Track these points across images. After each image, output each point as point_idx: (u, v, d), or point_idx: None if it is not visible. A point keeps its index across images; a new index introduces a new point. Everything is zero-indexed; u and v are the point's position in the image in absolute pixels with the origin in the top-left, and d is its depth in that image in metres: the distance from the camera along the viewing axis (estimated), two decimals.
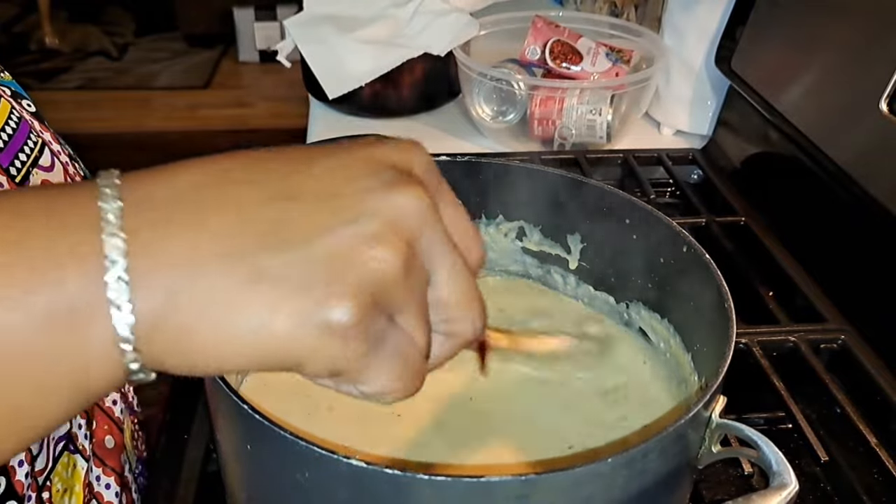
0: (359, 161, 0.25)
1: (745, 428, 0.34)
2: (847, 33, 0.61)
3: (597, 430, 0.42)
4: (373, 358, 0.24)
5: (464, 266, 0.26)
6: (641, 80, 0.79)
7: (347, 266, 0.23)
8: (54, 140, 0.49)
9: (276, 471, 0.31)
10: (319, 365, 0.23)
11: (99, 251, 0.21)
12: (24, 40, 3.34)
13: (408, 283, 0.24)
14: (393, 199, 0.24)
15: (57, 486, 0.43)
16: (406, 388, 0.25)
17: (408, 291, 0.24)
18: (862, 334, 0.54)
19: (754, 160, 0.74)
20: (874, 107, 0.55)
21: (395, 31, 0.86)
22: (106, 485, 0.48)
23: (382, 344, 0.24)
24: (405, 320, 0.24)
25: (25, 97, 0.49)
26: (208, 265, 0.22)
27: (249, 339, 0.22)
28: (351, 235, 0.23)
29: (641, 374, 0.46)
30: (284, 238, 0.23)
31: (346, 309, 0.22)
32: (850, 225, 0.59)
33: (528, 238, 0.51)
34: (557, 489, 0.29)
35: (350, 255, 0.23)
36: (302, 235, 0.23)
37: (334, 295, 0.22)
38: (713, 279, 0.39)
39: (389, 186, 0.24)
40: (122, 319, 0.22)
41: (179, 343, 0.22)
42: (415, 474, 0.27)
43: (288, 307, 0.22)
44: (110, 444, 0.49)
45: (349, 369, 0.23)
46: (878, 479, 0.45)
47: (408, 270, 0.24)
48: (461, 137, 0.87)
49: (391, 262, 0.23)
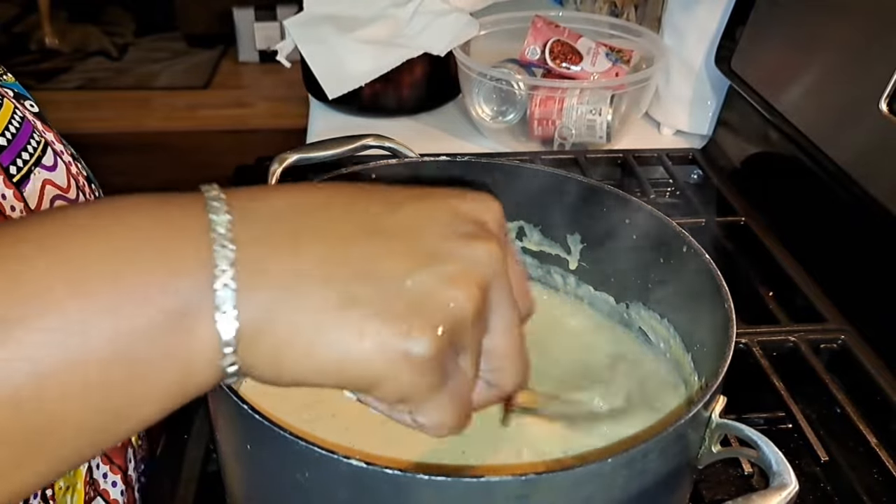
0: (443, 209, 0.27)
1: (745, 428, 0.34)
2: (847, 33, 0.61)
3: (596, 430, 0.42)
4: (438, 392, 0.26)
5: (519, 321, 0.28)
6: (641, 80, 0.79)
7: (429, 303, 0.25)
8: (57, 140, 0.49)
9: (276, 471, 0.31)
10: (391, 389, 0.25)
11: (209, 259, 0.23)
12: (24, 40, 3.34)
13: (476, 327, 0.26)
14: (472, 249, 0.26)
15: (59, 483, 0.43)
16: (458, 426, 0.27)
17: (475, 335, 0.26)
18: (862, 334, 0.54)
19: (754, 160, 0.74)
20: (874, 107, 0.55)
21: (395, 31, 0.86)
22: (112, 482, 0.48)
23: (448, 380, 0.26)
24: (466, 361, 0.26)
25: (28, 98, 0.49)
26: (306, 287, 0.24)
27: (335, 357, 0.24)
28: (434, 276, 0.25)
29: (641, 374, 0.46)
30: (374, 271, 0.25)
31: (427, 342, 0.24)
32: (850, 225, 0.59)
33: (528, 238, 0.51)
34: (557, 489, 0.29)
35: (432, 293, 0.25)
36: (390, 271, 0.25)
37: (417, 328, 0.24)
38: (713, 279, 0.39)
39: (469, 237, 0.26)
40: (227, 324, 0.23)
41: (273, 354, 0.24)
42: (415, 474, 0.27)
43: (374, 333, 0.24)
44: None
45: (415, 399, 0.26)
46: (878, 479, 0.45)
47: (478, 315, 0.26)
48: (461, 137, 0.87)
49: (467, 305, 0.25)
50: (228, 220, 0.24)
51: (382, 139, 0.52)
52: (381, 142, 0.52)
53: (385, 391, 0.25)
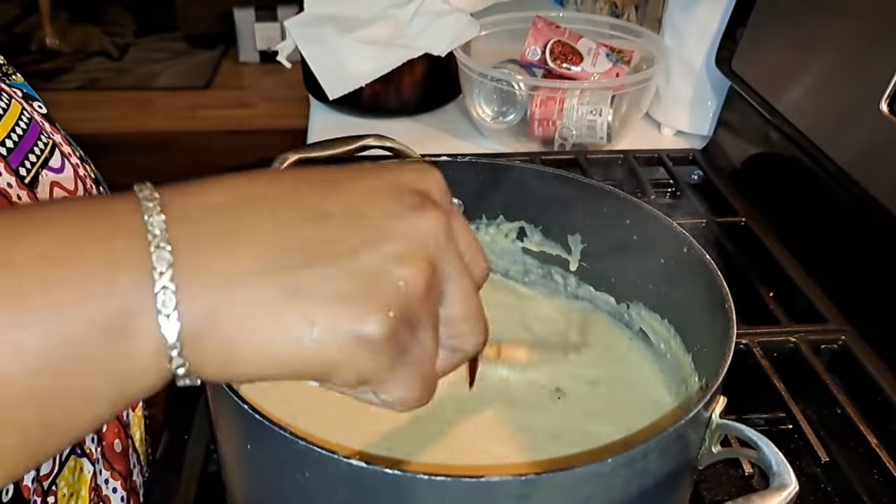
0: (383, 185, 0.27)
1: (745, 428, 0.34)
2: (847, 34, 0.61)
3: (596, 430, 0.42)
4: (398, 369, 0.25)
5: (473, 286, 0.28)
6: (642, 81, 0.79)
7: (378, 284, 0.24)
8: (65, 142, 0.49)
9: (276, 471, 0.31)
10: (350, 374, 0.25)
11: (147, 262, 0.23)
12: (25, 41, 3.34)
13: (429, 300, 0.26)
14: (416, 223, 0.26)
15: (63, 490, 0.43)
16: (422, 398, 0.27)
17: (429, 308, 0.26)
18: (862, 335, 0.54)
19: (755, 160, 0.74)
20: (874, 107, 0.55)
21: (395, 31, 0.87)
22: (113, 488, 0.48)
23: (406, 356, 0.25)
24: (423, 334, 0.26)
25: (38, 99, 0.49)
26: (248, 279, 0.23)
27: (287, 350, 0.24)
28: (380, 255, 0.25)
29: (641, 375, 0.46)
30: (318, 256, 0.24)
31: (379, 324, 0.24)
32: (850, 225, 0.59)
33: (528, 238, 0.51)
34: (557, 489, 0.29)
35: (380, 273, 0.24)
36: (334, 254, 0.24)
37: (368, 311, 0.24)
38: (713, 279, 0.39)
39: (412, 210, 0.26)
40: (170, 327, 0.23)
41: (222, 352, 0.24)
42: (415, 474, 0.28)
43: (324, 320, 0.24)
44: (118, 448, 0.49)
45: (376, 379, 0.25)
46: (879, 479, 0.45)
47: (429, 289, 0.25)
48: (462, 138, 0.87)
49: (417, 281, 0.25)
50: (163, 220, 0.23)
51: (383, 139, 0.52)
52: (381, 142, 0.52)
53: (343, 376, 0.25)
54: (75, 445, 0.44)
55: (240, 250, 0.24)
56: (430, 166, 0.29)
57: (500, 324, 0.49)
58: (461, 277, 0.27)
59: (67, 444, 0.25)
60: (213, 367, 0.24)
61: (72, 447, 0.44)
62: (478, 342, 0.29)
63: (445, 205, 0.28)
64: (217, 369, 0.24)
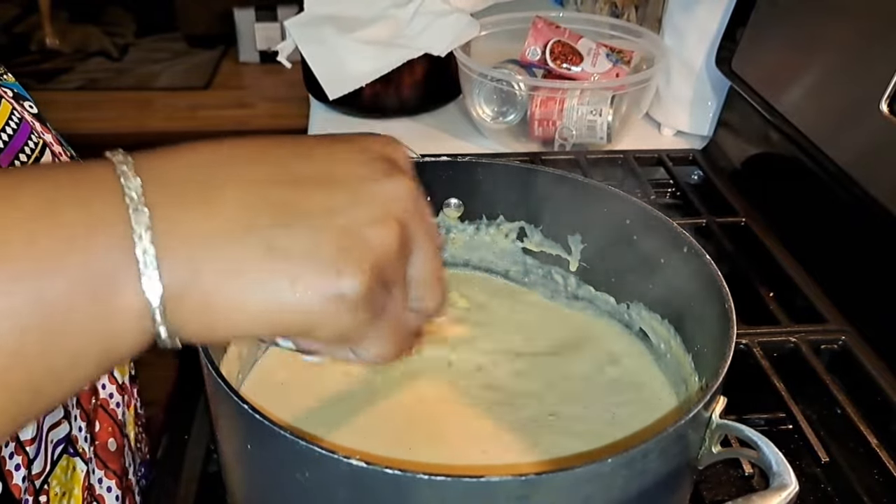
0: (354, 151, 0.28)
1: (745, 428, 0.34)
2: (847, 34, 0.61)
3: (597, 430, 0.42)
4: (375, 325, 0.26)
5: (437, 249, 0.29)
6: (642, 81, 0.79)
7: (354, 243, 0.25)
8: (55, 142, 0.49)
9: (276, 470, 0.31)
10: (329, 331, 0.26)
11: (126, 224, 0.23)
12: (25, 41, 3.34)
13: (401, 260, 0.27)
14: (388, 187, 0.27)
15: (55, 489, 0.43)
16: (398, 353, 0.28)
17: (401, 267, 0.27)
18: (862, 335, 0.54)
19: (755, 161, 0.74)
20: (875, 108, 0.55)
21: (395, 31, 0.86)
22: (107, 487, 0.48)
23: (383, 312, 0.27)
24: (397, 292, 0.27)
25: (28, 99, 0.49)
26: (227, 240, 0.24)
27: (269, 307, 0.24)
28: (355, 216, 0.26)
29: (642, 375, 0.46)
30: (295, 218, 0.25)
31: (359, 282, 0.25)
32: (850, 225, 0.59)
33: (528, 239, 0.51)
34: (557, 489, 0.29)
35: (355, 233, 0.25)
36: (309, 214, 0.25)
37: (348, 270, 0.25)
38: (713, 280, 0.39)
39: (384, 175, 0.27)
40: (152, 287, 0.23)
41: (203, 311, 0.24)
42: (415, 474, 0.27)
43: (304, 278, 0.24)
44: (113, 447, 0.49)
45: (355, 336, 0.26)
46: (879, 479, 0.45)
47: (401, 248, 0.27)
48: (462, 138, 0.87)
49: (392, 241, 0.26)
50: (140, 183, 0.24)
51: None
52: None
53: (323, 333, 0.26)
54: (67, 444, 0.44)
55: (217, 210, 0.24)
56: (394, 139, 0.30)
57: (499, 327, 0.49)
58: (427, 241, 0.28)
59: (54, 405, 0.25)
60: (194, 326, 0.24)
61: (64, 446, 0.44)
62: (438, 302, 0.30)
63: (411, 173, 0.29)
64: (198, 327, 0.25)
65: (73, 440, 0.45)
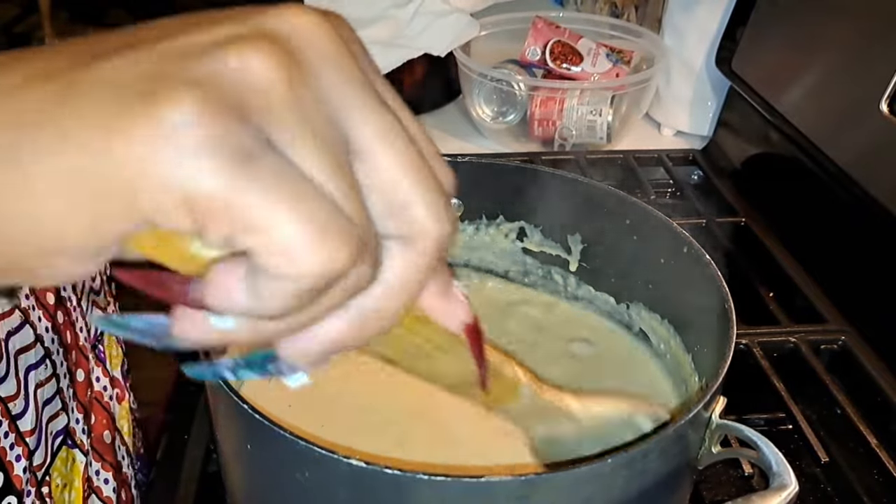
0: (219, 17, 0.18)
1: (745, 429, 0.34)
2: (847, 34, 0.61)
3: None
4: (243, 180, 0.16)
5: (402, 131, 0.19)
6: (642, 81, 0.79)
7: (190, 61, 0.17)
8: None
9: (276, 471, 0.31)
10: (168, 194, 0.16)
11: None
12: (25, 41, 3.33)
13: (295, 103, 0.17)
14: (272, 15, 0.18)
15: (56, 480, 0.43)
16: (325, 239, 0.17)
17: (296, 113, 0.17)
18: (862, 335, 0.54)
19: (755, 161, 0.74)
20: (875, 108, 0.55)
21: (395, 31, 0.86)
22: (104, 479, 0.48)
23: (254, 163, 0.16)
24: (299, 153, 0.17)
25: None
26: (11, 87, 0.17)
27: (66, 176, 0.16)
28: (200, 38, 0.17)
29: (642, 375, 0.46)
30: (111, 52, 0.17)
31: (182, 101, 0.16)
32: (850, 226, 0.59)
33: (528, 239, 0.51)
34: (557, 489, 0.29)
35: (195, 55, 0.17)
36: (132, 45, 0.18)
37: (166, 87, 0.16)
38: (713, 280, 0.39)
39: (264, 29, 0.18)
40: None
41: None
42: (415, 474, 0.27)
43: (108, 114, 0.16)
44: (108, 439, 0.49)
45: (219, 204, 0.16)
46: (879, 479, 0.45)
47: (293, 85, 0.17)
48: (461, 138, 0.87)
49: (260, 64, 0.17)
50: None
51: None
52: None
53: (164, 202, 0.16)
54: (66, 436, 0.44)
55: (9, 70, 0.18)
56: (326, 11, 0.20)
57: None
58: (377, 112, 0.19)
59: None
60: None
61: (63, 438, 0.44)
62: (439, 221, 0.19)
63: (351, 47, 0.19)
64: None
65: (70, 432, 0.45)
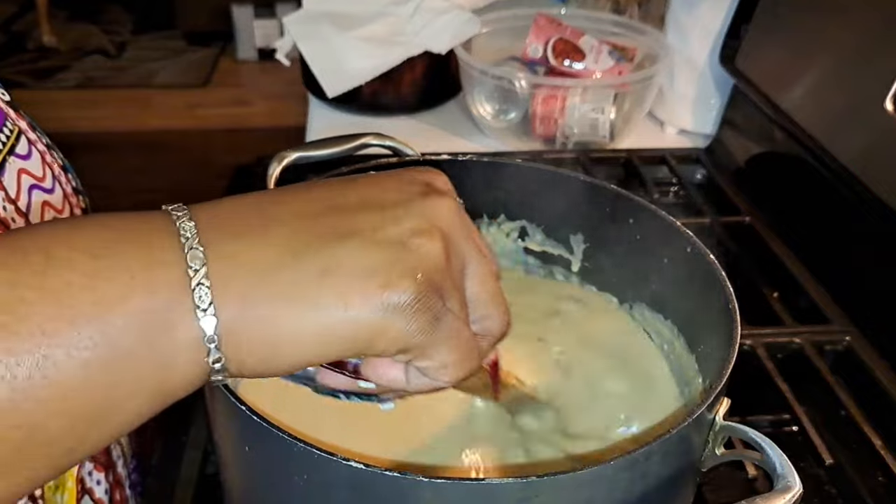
0: (391, 179, 0.29)
1: (748, 430, 0.33)
2: (852, 32, 0.60)
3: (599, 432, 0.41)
4: (434, 333, 0.27)
5: (490, 269, 0.29)
6: (645, 79, 0.79)
7: (401, 252, 0.26)
8: (30, 129, 0.49)
9: (274, 473, 0.31)
10: (388, 342, 0.26)
11: (182, 261, 0.25)
12: (23, 39, 3.33)
13: (450, 270, 0.27)
14: (429, 202, 0.28)
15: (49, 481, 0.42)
16: (464, 364, 0.28)
17: (453, 278, 0.28)
18: (867, 336, 0.54)
19: (759, 159, 0.74)
20: (879, 106, 0.54)
21: (395, 29, 0.86)
22: (97, 480, 0.47)
23: (440, 322, 0.27)
24: (453, 304, 0.27)
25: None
26: (279, 268, 0.25)
27: (322, 328, 0.25)
28: (399, 229, 0.27)
29: (645, 376, 0.46)
30: (341, 236, 0.26)
31: (407, 289, 0.26)
32: (854, 225, 0.59)
33: (530, 238, 0.51)
34: (559, 492, 0.29)
35: (402, 244, 0.26)
36: (356, 232, 0.26)
37: (395, 277, 0.26)
38: (717, 280, 0.39)
39: (422, 195, 0.28)
40: (207, 321, 0.24)
41: (260, 340, 0.25)
42: (415, 476, 0.27)
43: (356, 294, 0.25)
44: None
45: (414, 344, 0.26)
46: (883, 481, 0.45)
47: (448, 258, 0.27)
48: (462, 136, 0.86)
49: (436, 250, 0.27)
50: (194, 225, 0.25)
51: (383, 138, 0.52)
52: (381, 140, 0.51)
53: (383, 345, 0.26)
54: None
55: (267, 242, 0.26)
56: (437, 170, 0.31)
57: None
58: (478, 258, 0.29)
59: (108, 440, 0.26)
60: (253, 356, 0.25)
61: None
62: (503, 324, 0.30)
63: (453, 196, 0.30)
64: (255, 361, 0.25)
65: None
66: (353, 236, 0.26)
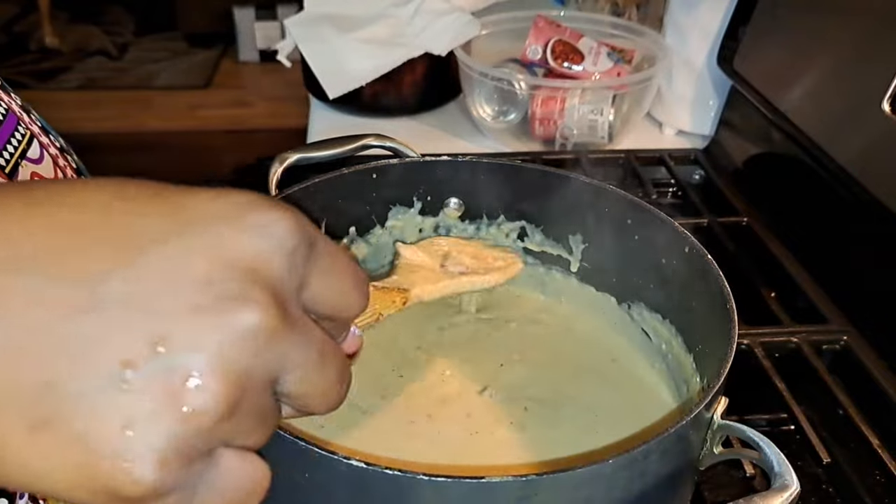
0: (199, 257, 0.19)
1: (746, 429, 0.34)
2: (849, 33, 0.61)
3: (598, 432, 0.41)
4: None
5: (319, 362, 0.22)
6: (643, 80, 0.79)
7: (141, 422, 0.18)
8: (42, 133, 0.49)
9: (275, 471, 0.31)
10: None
11: None
12: (24, 40, 3.33)
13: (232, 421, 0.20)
14: (227, 326, 0.19)
15: None
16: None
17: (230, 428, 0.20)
18: (864, 335, 0.54)
19: (756, 160, 0.74)
20: (877, 107, 0.55)
21: (395, 30, 0.86)
22: None
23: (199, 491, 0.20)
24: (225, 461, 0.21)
25: (11, 91, 0.49)
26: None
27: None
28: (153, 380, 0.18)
29: (643, 376, 0.46)
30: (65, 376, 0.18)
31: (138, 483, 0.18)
32: (852, 225, 0.59)
33: (529, 238, 0.51)
34: (558, 490, 0.29)
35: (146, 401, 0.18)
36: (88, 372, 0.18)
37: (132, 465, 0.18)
38: (715, 280, 0.39)
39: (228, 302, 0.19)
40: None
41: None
42: (415, 475, 0.27)
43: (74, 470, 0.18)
44: None
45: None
46: (880, 480, 0.45)
47: (231, 412, 0.19)
48: (462, 137, 0.87)
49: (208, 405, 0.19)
50: None
51: (383, 139, 0.52)
52: (382, 141, 0.52)
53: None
54: None
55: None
56: (284, 211, 0.21)
57: None
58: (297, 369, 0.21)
59: None
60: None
61: None
62: (329, 407, 0.24)
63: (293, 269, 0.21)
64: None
65: None
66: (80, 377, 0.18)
